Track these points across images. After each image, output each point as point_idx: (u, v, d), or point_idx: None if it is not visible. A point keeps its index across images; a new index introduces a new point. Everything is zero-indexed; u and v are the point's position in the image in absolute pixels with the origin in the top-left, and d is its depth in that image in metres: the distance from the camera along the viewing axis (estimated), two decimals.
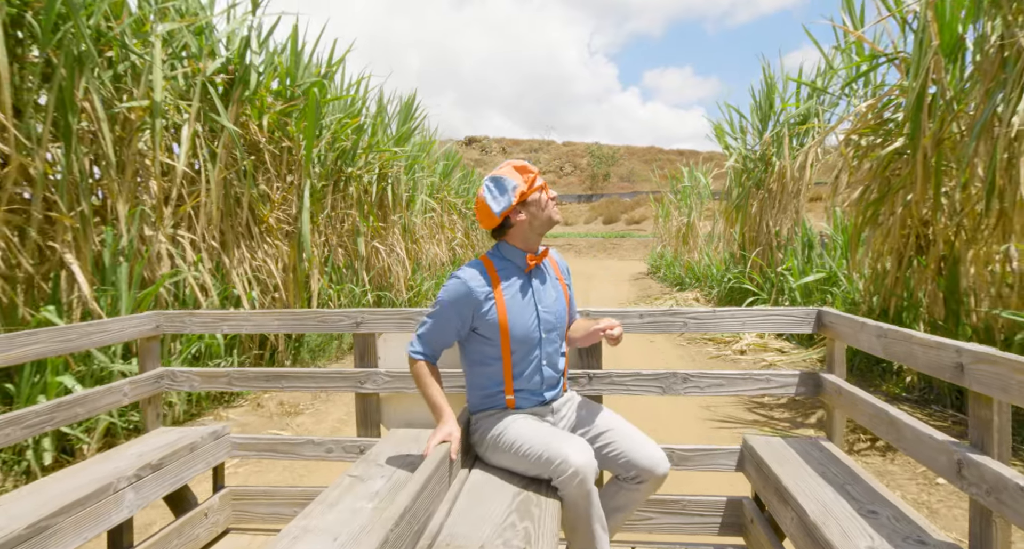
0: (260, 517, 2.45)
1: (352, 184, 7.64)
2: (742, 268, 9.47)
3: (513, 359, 1.85)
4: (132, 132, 4.18)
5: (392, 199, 8.98)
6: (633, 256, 27.41)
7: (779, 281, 8.12)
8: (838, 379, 2.06)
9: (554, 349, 1.92)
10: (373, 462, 1.93)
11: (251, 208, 5.49)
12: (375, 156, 8.12)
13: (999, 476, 1.24)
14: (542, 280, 1.93)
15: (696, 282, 12.98)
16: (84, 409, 2.12)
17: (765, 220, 8.99)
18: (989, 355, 1.31)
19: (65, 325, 2.10)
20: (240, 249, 5.39)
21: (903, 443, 1.60)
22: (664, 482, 1.79)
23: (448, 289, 1.84)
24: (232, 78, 5.03)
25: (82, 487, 1.75)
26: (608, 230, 39.20)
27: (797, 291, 7.32)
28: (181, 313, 2.46)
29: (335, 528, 1.49)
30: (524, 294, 1.87)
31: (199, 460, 2.23)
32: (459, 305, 1.81)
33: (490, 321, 1.83)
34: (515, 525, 1.48)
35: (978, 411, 1.37)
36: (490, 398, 1.90)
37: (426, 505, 1.47)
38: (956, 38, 3.94)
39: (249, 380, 2.43)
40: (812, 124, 8.12)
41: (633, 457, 1.76)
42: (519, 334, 1.83)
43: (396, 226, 9.32)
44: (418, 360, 1.85)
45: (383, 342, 2.39)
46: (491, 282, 1.85)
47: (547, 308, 1.89)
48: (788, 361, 6.11)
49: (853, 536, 1.42)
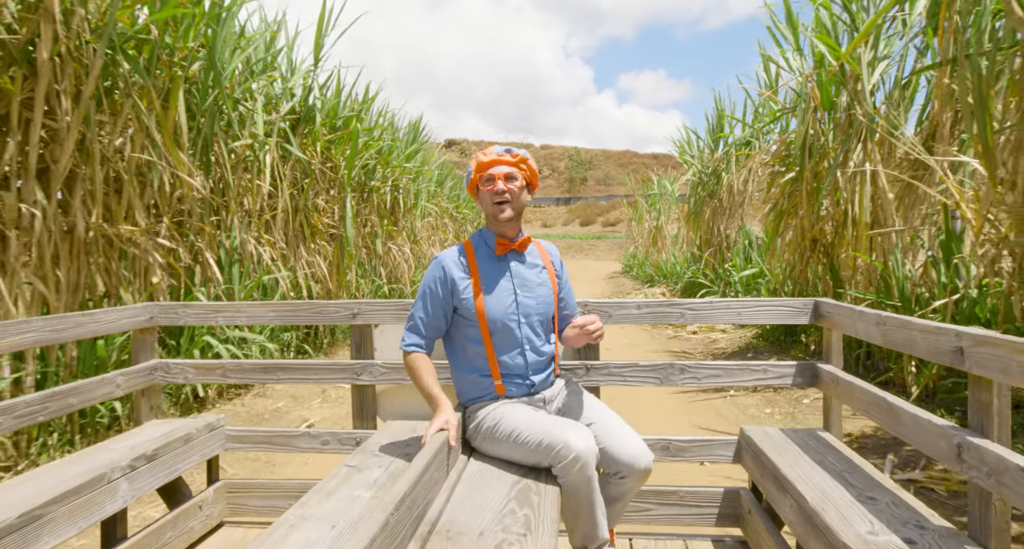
0: (255, 510, 2.44)
1: (373, 194, 9.15)
2: (699, 266, 11.18)
3: (494, 340, 1.87)
4: (238, 162, 5.66)
5: (402, 206, 10.51)
6: (609, 256, 29.23)
7: (726, 275, 9.82)
8: (835, 369, 2.07)
9: (537, 334, 1.92)
10: (370, 453, 1.91)
11: (306, 216, 6.97)
12: (390, 171, 9.65)
13: (999, 458, 1.24)
14: (524, 265, 1.94)
15: (664, 279, 14.71)
16: (77, 399, 2.12)
17: (716, 225, 10.72)
18: (989, 338, 1.30)
19: (58, 315, 2.11)
20: (299, 249, 6.87)
21: (902, 429, 1.60)
22: (650, 475, 1.79)
23: (428, 270, 1.92)
24: (298, 117, 6.53)
25: (76, 477, 1.74)
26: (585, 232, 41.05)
27: (739, 283, 9.02)
28: (175, 305, 2.48)
29: (333, 516, 1.48)
30: (501, 276, 1.90)
31: (193, 452, 2.22)
32: (438, 284, 1.87)
33: (467, 300, 1.86)
34: (515, 512, 1.48)
35: (978, 394, 1.37)
36: (478, 386, 1.91)
37: (425, 491, 1.47)
38: (830, 100, 5.62)
39: (244, 372, 2.43)
40: (750, 150, 9.87)
41: (613, 451, 1.75)
42: (495, 314, 1.85)
43: (404, 229, 10.85)
44: (410, 352, 1.87)
45: (379, 333, 2.41)
46: (467, 262, 1.90)
47: (528, 294, 1.90)
48: (727, 338, 7.78)
49: (853, 521, 1.42)
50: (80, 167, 3.76)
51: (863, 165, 4.88)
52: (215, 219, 5.30)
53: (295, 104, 6.46)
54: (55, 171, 3.57)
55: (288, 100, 6.38)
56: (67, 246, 3.72)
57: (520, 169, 1.89)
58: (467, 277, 1.88)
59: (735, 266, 9.48)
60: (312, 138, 6.98)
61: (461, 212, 18.19)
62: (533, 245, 2.01)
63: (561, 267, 2.05)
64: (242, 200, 5.96)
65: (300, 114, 6.55)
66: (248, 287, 5.39)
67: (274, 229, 6.31)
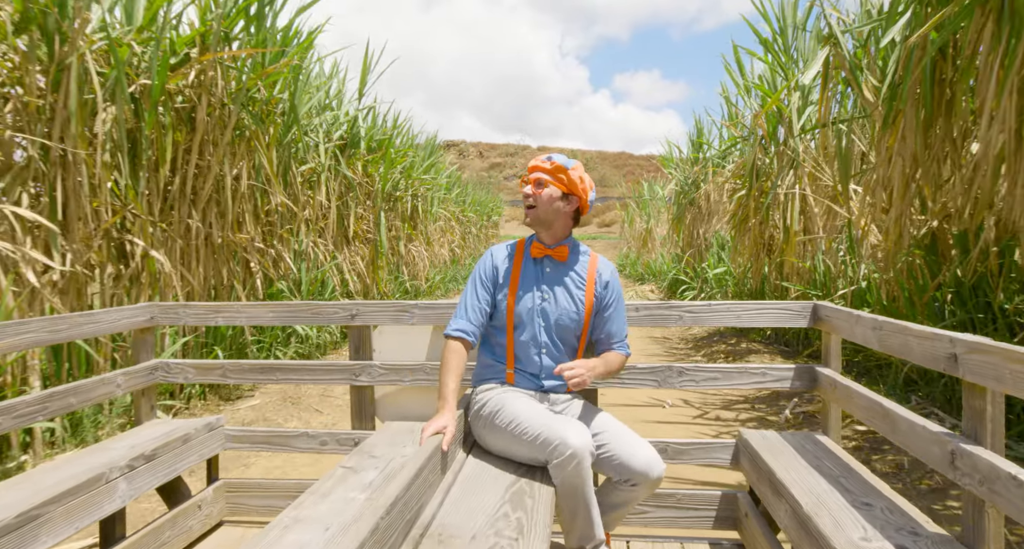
0: (254, 509, 2.46)
1: (398, 203, 10.61)
2: (681, 265, 12.66)
3: (516, 334, 1.93)
4: (304, 181, 7.11)
5: (420, 213, 11.97)
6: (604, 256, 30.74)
7: (703, 273, 11.29)
8: (833, 373, 2.08)
9: (555, 343, 1.94)
10: (367, 454, 1.91)
11: (348, 223, 8.41)
12: (411, 182, 11.10)
13: (992, 466, 1.24)
14: (559, 274, 1.97)
15: (653, 277, 16.20)
16: (77, 399, 2.13)
17: (696, 229, 12.19)
18: (982, 345, 1.30)
19: (57, 316, 2.11)
20: (343, 250, 8.31)
21: (898, 435, 1.60)
22: (660, 483, 1.81)
23: (480, 260, 2.00)
24: (345, 142, 7.98)
25: (74, 476, 1.75)
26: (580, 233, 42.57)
27: (713, 280, 10.48)
28: (175, 305, 2.50)
29: (327, 518, 1.45)
30: (532, 277, 1.96)
31: (192, 452, 2.24)
32: (483, 271, 1.98)
33: (502, 293, 1.95)
34: (508, 515, 1.49)
35: (971, 401, 1.37)
36: (491, 368, 1.97)
37: (419, 494, 1.48)
38: (773, 132, 7.09)
39: (244, 372, 2.45)
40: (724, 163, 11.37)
41: (626, 460, 1.76)
42: (520, 312, 1.92)
43: (421, 232, 12.30)
44: (452, 337, 1.90)
45: (378, 334, 2.40)
46: (514, 257, 1.99)
47: (550, 301, 1.93)
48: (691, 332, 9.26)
49: (846, 527, 1.43)
50: (215, 193, 5.20)
51: (794, 188, 6.36)
52: (288, 227, 6.73)
53: (343, 132, 7.91)
54: (200, 197, 5.01)
55: (338, 129, 7.83)
56: (206, 250, 5.16)
57: (556, 179, 1.93)
58: (509, 271, 1.97)
59: (710, 265, 10.96)
60: (355, 159, 8.43)
61: (467, 215, 19.67)
62: (586, 259, 2.03)
63: (607, 289, 2.00)
64: (305, 211, 7.40)
65: (347, 140, 7.99)
66: (313, 280, 6.82)
67: (326, 234, 7.75)
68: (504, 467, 1.81)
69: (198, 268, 5.08)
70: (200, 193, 5.01)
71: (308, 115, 7.21)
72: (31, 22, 3.46)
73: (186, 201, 4.89)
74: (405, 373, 2.32)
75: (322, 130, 7.26)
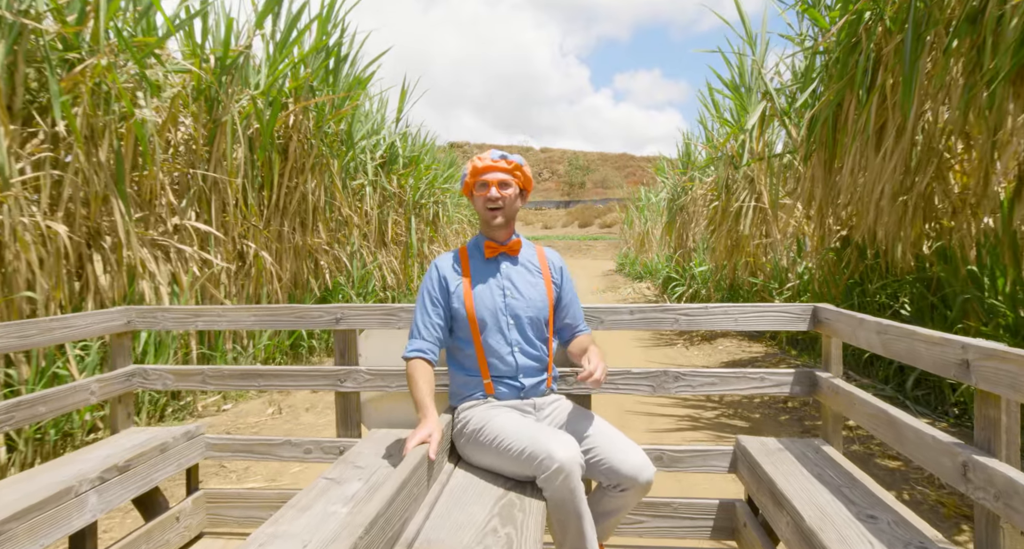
0: (235, 521, 2.39)
1: (423, 209, 12.16)
2: (672, 264, 14.17)
3: (483, 340, 1.90)
4: (354, 194, 8.67)
5: (441, 217, 13.52)
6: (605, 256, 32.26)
7: (690, 271, 12.79)
8: (834, 377, 2.03)
9: (527, 337, 1.93)
10: (351, 464, 1.86)
11: (385, 229, 9.95)
12: (434, 190, 12.66)
13: (1008, 479, 1.18)
14: (517, 270, 1.98)
15: (649, 275, 17.71)
16: (47, 408, 2.05)
17: (684, 232, 13.70)
18: (997, 351, 1.25)
19: (25, 320, 2.04)
20: (382, 252, 9.85)
21: (904, 445, 1.54)
22: (650, 488, 1.77)
23: (425, 275, 1.99)
24: (385, 159, 9.53)
25: (41, 490, 1.69)
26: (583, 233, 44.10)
27: (699, 277, 11.97)
28: (153, 308, 2.43)
29: (305, 534, 1.42)
30: (491, 277, 1.95)
31: (170, 461, 2.16)
32: (434, 285, 1.95)
33: (458, 299, 1.91)
34: (497, 530, 1.44)
35: (985, 410, 1.31)
36: (467, 384, 1.93)
37: (402, 509, 1.43)
38: (741, 153, 8.57)
39: (224, 378, 2.39)
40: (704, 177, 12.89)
41: (615, 464, 1.73)
42: (483, 313, 1.89)
43: (441, 235, 13.85)
44: (411, 358, 1.87)
45: (364, 339, 2.36)
46: (461, 265, 1.97)
47: (517, 296, 1.93)
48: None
49: (852, 543, 1.37)
50: (298, 207, 6.74)
51: (749, 202, 7.88)
52: (343, 232, 8.26)
53: (383, 151, 9.46)
54: (288, 210, 6.54)
55: (378, 149, 9.39)
56: (290, 254, 6.71)
57: (515, 176, 1.93)
58: (459, 278, 1.93)
59: (696, 263, 12.46)
60: (392, 173, 9.97)
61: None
62: (533, 250, 2.06)
63: (561, 275, 2.04)
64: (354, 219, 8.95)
65: (386, 158, 9.54)
66: (361, 277, 8.35)
67: (369, 238, 9.29)
68: (493, 479, 1.76)
69: (287, 266, 6.62)
70: (288, 207, 6.55)
71: (361, 138, 8.77)
72: (200, 94, 5.01)
73: (279, 214, 6.42)
74: (392, 379, 2.27)
75: (368, 151, 8.81)
